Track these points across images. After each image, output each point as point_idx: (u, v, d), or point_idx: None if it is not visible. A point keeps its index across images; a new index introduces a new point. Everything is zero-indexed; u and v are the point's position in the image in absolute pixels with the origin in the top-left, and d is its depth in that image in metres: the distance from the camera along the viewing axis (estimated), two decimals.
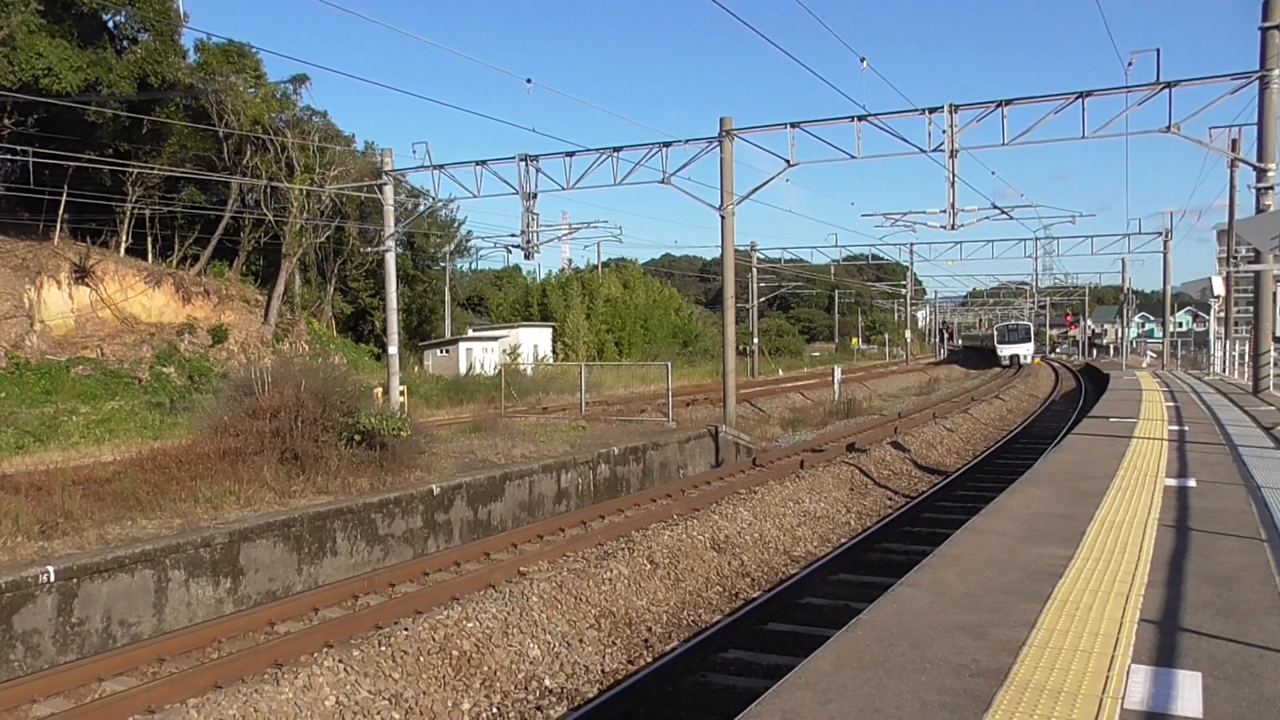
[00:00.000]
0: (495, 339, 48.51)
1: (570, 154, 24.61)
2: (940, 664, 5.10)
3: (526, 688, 8.53)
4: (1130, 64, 20.30)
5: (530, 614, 9.53)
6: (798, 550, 13.63)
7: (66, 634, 9.39)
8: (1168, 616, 5.84)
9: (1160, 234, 49.34)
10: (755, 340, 61.49)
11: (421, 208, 47.99)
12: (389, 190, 26.38)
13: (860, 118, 21.75)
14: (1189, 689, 4.67)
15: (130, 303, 36.44)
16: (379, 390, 23.99)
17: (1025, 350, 71.89)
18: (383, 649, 8.40)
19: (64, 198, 35.81)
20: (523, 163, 24.77)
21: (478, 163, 25.31)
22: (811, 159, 23.79)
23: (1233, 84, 19.64)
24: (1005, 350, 72.38)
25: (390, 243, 26.26)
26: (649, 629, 10.14)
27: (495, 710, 8.10)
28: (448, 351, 46.74)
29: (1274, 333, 22.79)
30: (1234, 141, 29.53)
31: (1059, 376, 56.46)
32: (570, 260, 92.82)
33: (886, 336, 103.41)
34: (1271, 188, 19.93)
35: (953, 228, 23.14)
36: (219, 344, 38.63)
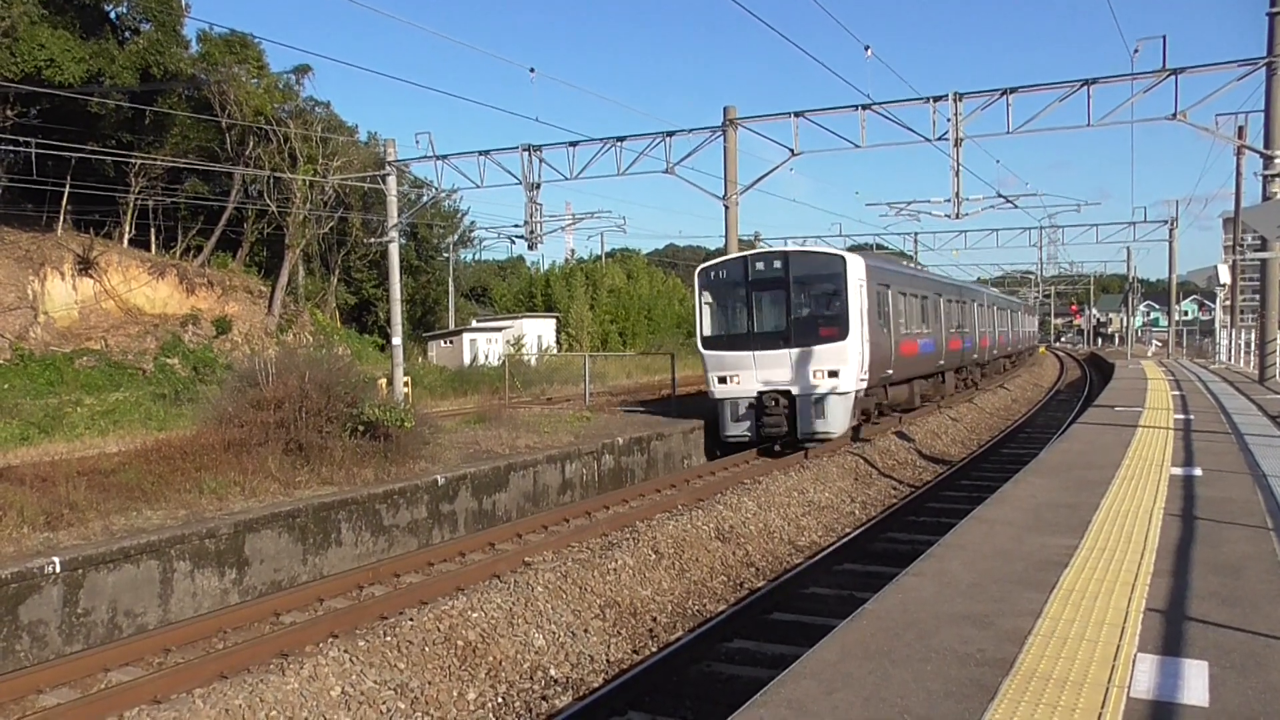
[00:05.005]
0: (499, 330, 48.50)
1: (573, 144, 24.56)
2: (946, 653, 5.09)
3: (532, 677, 8.54)
4: (1136, 51, 20.19)
5: (535, 604, 9.53)
6: (802, 540, 13.63)
7: (72, 624, 9.41)
8: (1174, 606, 5.83)
9: (1166, 222, 49.21)
10: None
11: (425, 198, 48.00)
12: (392, 181, 26.34)
13: (864, 106, 21.67)
14: (1195, 678, 4.66)
15: (134, 294, 36.48)
16: (383, 381, 24.00)
17: (833, 380, 18.36)
18: (388, 639, 8.41)
19: (67, 189, 35.83)
20: (526, 153, 24.71)
21: (481, 153, 25.27)
22: (815, 148, 24.01)
23: (1240, 70, 19.55)
24: (729, 371, 19.30)
25: (394, 233, 26.23)
26: (654, 619, 10.14)
27: (501, 700, 8.11)
28: (452, 342, 46.76)
29: None
30: (1240, 128, 29.39)
31: (1064, 366, 56.43)
32: (574, 250, 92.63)
33: None
34: (1279, 175, 19.84)
35: (957, 216, 23.11)
36: (223, 335, 38.68)
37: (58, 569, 9.30)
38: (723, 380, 19.42)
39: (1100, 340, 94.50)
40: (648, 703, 7.83)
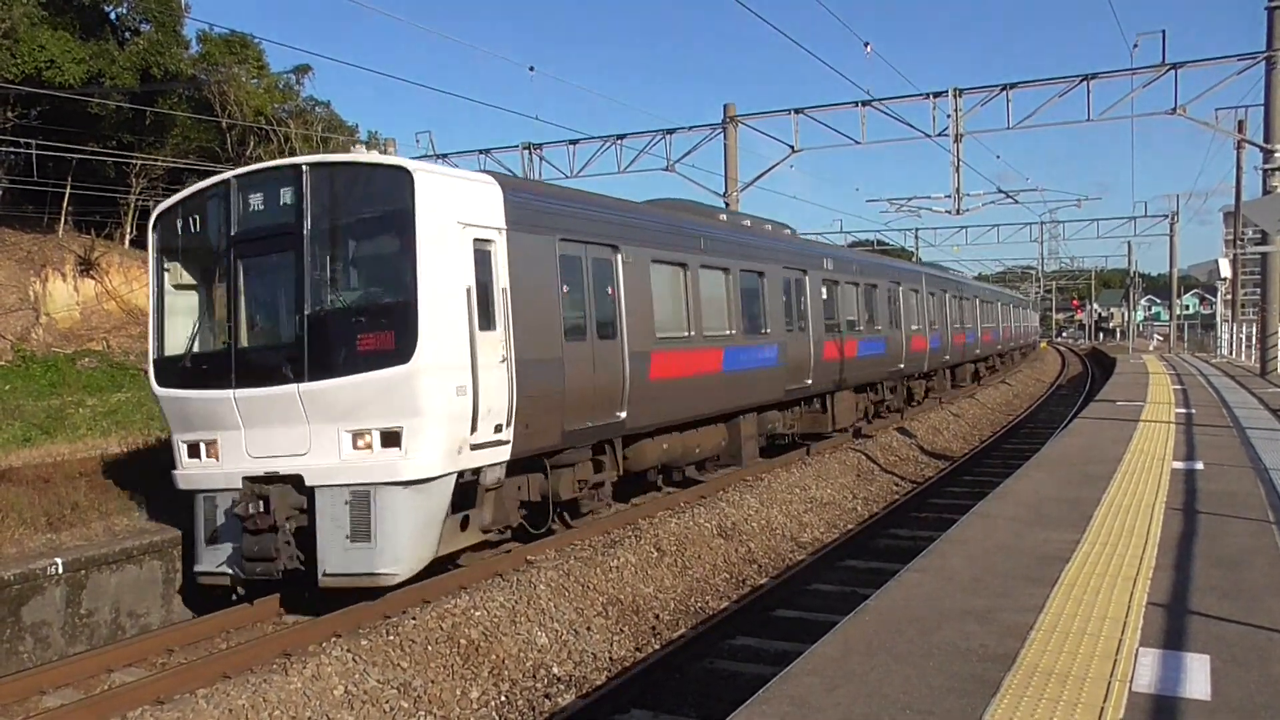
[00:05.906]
0: None
1: (574, 142, 24.58)
2: (948, 649, 5.09)
3: (535, 676, 8.54)
4: (1136, 46, 20.21)
5: (538, 602, 9.53)
6: (805, 537, 13.62)
7: (75, 625, 9.42)
8: (1176, 600, 5.83)
9: (1166, 217, 49.19)
10: None
11: None
12: None
13: (864, 103, 21.66)
14: (1197, 671, 4.66)
15: (135, 294, 36.46)
16: None
17: (390, 452, 8.75)
18: (391, 638, 8.41)
19: (68, 190, 35.84)
20: (526, 151, 24.74)
21: (481, 151, 25.30)
22: (816, 144, 23.88)
23: (1239, 65, 19.55)
24: (199, 432, 9.50)
25: None
26: (656, 616, 10.14)
27: (504, 698, 8.12)
28: None
29: None
30: (1240, 123, 29.40)
31: (1065, 361, 56.42)
32: None
33: None
34: (1279, 169, 19.82)
35: (958, 212, 23.19)
36: None
37: (60, 570, 9.32)
38: (194, 452, 9.64)
39: (1101, 335, 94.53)
40: (651, 700, 7.84)
